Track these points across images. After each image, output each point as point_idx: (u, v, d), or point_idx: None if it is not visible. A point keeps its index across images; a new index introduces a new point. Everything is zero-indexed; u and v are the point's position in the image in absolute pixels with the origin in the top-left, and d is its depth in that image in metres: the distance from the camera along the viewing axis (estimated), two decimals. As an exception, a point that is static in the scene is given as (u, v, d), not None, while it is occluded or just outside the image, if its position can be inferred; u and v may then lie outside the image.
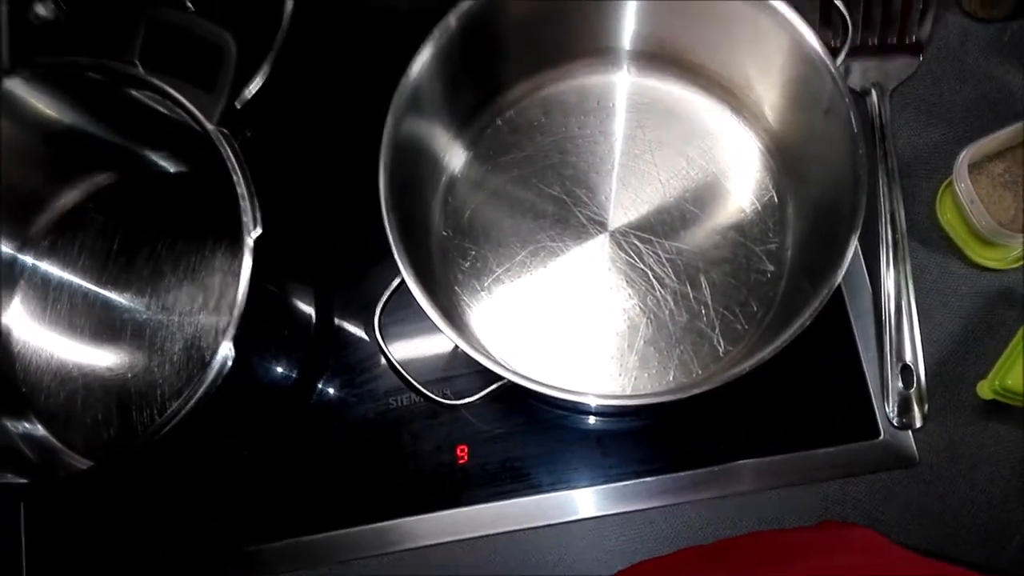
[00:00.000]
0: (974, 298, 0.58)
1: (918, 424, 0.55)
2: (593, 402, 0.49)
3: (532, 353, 0.57)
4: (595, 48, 0.60)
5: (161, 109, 0.52)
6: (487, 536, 0.57)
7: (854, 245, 0.47)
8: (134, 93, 0.51)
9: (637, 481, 0.57)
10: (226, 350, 0.47)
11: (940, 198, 0.59)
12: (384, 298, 0.52)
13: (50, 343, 0.60)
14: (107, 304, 0.60)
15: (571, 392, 0.46)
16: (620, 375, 0.56)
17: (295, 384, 0.59)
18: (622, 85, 0.62)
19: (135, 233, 0.61)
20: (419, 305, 0.48)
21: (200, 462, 0.60)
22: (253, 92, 0.57)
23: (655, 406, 0.55)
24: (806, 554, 0.47)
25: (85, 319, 0.60)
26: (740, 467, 0.56)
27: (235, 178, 0.48)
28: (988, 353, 0.56)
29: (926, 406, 0.55)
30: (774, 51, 0.53)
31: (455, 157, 0.61)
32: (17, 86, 0.52)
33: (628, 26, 0.59)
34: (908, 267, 0.57)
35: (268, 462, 0.59)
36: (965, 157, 0.55)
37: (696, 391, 0.46)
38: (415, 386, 0.51)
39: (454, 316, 0.56)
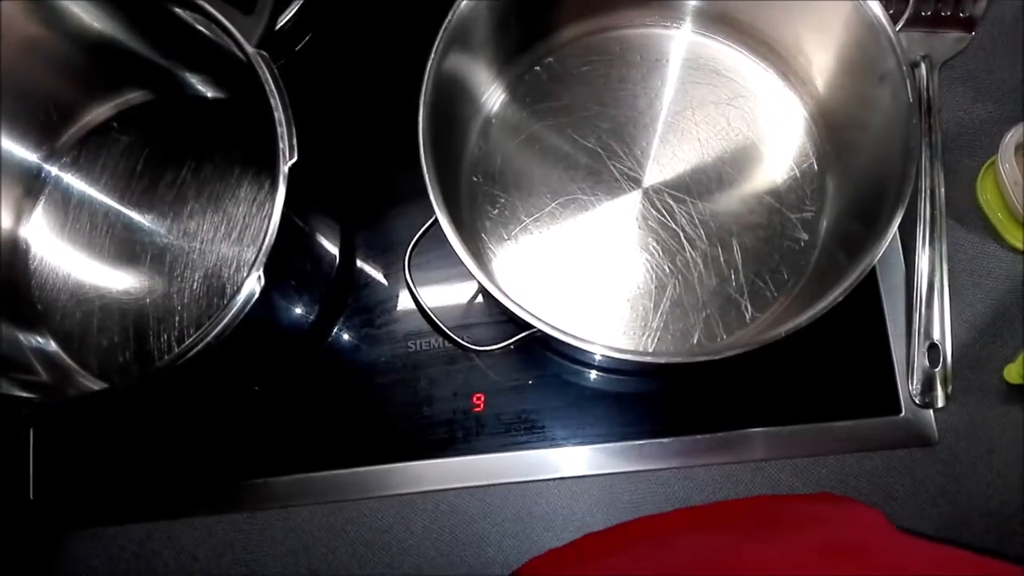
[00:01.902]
0: (1008, 281, 0.57)
1: (940, 404, 0.55)
2: (618, 356, 0.48)
3: (555, 306, 0.56)
4: (648, -1, 0.59)
5: (202, 29, 0.50)
6: (498, 484, 0.56)
7: (899, 218, 0.46)
8: (176, 10, 0.50)
9: (653, 441, 0.56)
10: (254, 281, 0.46)
11: (982, 177, 0.58)
12: (415, 239, 0.51)
13: (68, 261, 0.59)
14: (128, 225, 0.59)
15: (604, 347, 0.46)
16: (643, 334, 0.56)
17: (314, 321, 0.59)
18: (667, 40, 0.61)
19: (162, 155, 0.60)
20: (450, 248, 0.48)
21: (214, 392, 0.60)
22: (291, 16, 0.55)
23: (677, 367, 0.55)
24: (805, 524, 0.47)
25: (105, 239, 0.59)
26: (757, 434, 0.56)
27: (273, 103, 0.47)
28: (1017, 337, 0.56)
29: (950, 386, 0.55)
30: (831, 13, 0.52)
31: (491, 101, 0.60)
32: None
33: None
34: (943, 245, 0.56)
35: (283, 397, 0.59)
36: (1012, 137, 0.55)
37: (728, 353, 0.45)
38: (442, 328, 0.51)
39: (480, 263, 0.55)
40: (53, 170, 0.60)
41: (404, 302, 0.60)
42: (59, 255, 0.59)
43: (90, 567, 0.57)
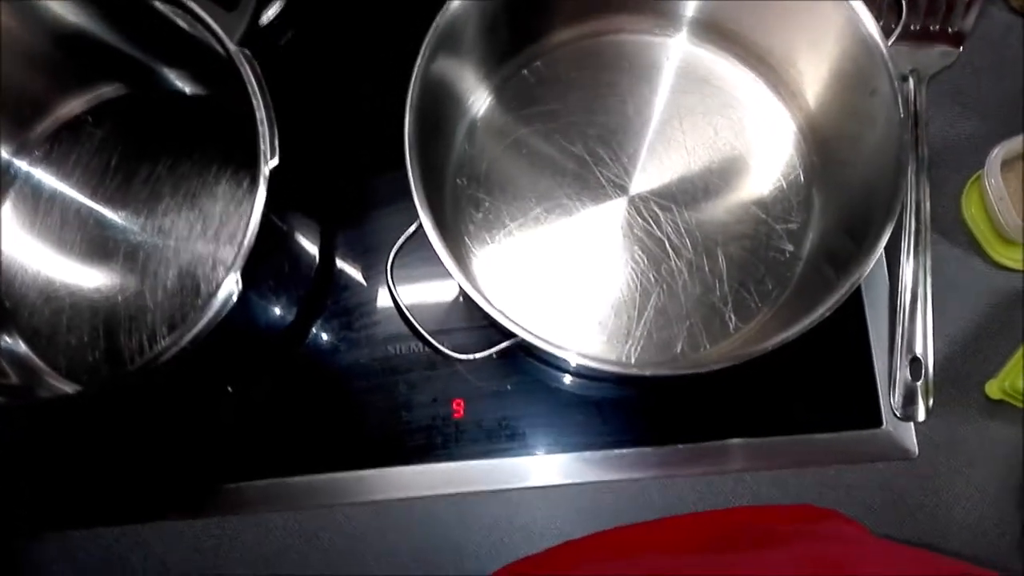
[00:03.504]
0: (990, 296, 0.57)
1: (921, 417, 0.55)
2: (601, 367, 0.47)
3: (538, 311, 0.55)
4: (642, 5, 0.58)
5: (182, 25, 0.49)
6: (477, 492, 0.56)
7: (888, 233, 0.46)
8: (155, 4, 0.48)
9: (634, 450, 0.56)
10: (232, 283, 0.45)
11: (967, 192, 0.59)
12: (399, 242, 0.50)
13: (38, 258, 0.57)
14: (100, 222, 0.57)
15: (587, 357, 0.45)
16: (627, 342, 0.55)
17: (292, 322, 0.58)
18: (658, 48, 0.60)
19: (136, 150, 0.58)
20: (431, 251, 0.47)
21: (186, 394, 0.58)
22: (274, 14, 0.54)
23: (661, 376, 0.54)
24: (787, 541, 0.47)
25: (76, 235, 0.57)
26: (739, 445, 0.56)
27: (255, 102, 0.45)
28: (999, 353, 0.56)
29: (931, 400, 0.55)
30: (825, 27, 0.51)
31: (478, 103, 0.59)
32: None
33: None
34: (928, 259, 0.56)
35: (258, 400, 0.58)
36: (999, 152, 0.55)
37: (714, 367, 0.45)
38: (423, 335, 0.50)
39: (463, 267, 0.54)
40: (23, 165, 0.58)
41: (384, 305, 0.59)
42: (28, 252, 0.57)
43: (52, 573, 0.56)
